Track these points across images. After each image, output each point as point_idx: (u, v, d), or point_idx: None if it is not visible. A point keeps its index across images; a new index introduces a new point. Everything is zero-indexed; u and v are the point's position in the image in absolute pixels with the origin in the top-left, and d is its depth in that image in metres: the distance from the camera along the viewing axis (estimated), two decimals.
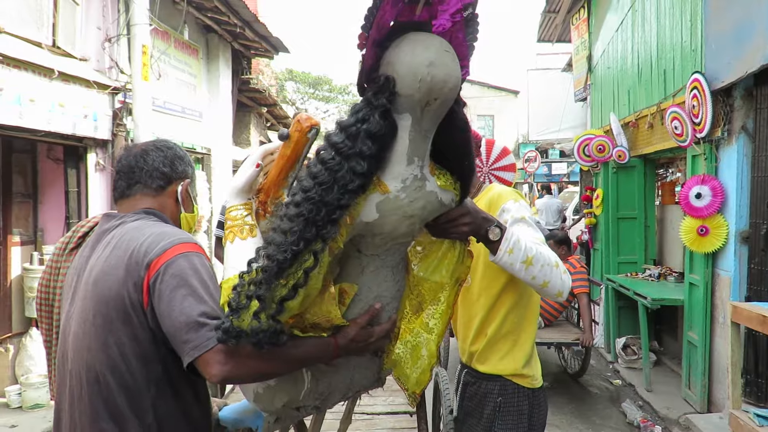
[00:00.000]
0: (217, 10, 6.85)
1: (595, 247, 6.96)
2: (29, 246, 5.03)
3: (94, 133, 4.85)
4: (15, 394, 4.60)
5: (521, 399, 1.75)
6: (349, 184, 1.05)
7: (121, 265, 1.19)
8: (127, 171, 1.38)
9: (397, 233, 1.21)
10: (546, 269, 1.43)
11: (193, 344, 1.11)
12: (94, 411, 1.19)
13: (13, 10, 4.27)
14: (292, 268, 1.04)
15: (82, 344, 1.21)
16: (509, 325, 1.74)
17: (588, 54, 7.94)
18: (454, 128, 1.20)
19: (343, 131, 1.08)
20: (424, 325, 1.50)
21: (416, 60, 1.06)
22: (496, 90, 27.83)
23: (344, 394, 1.45)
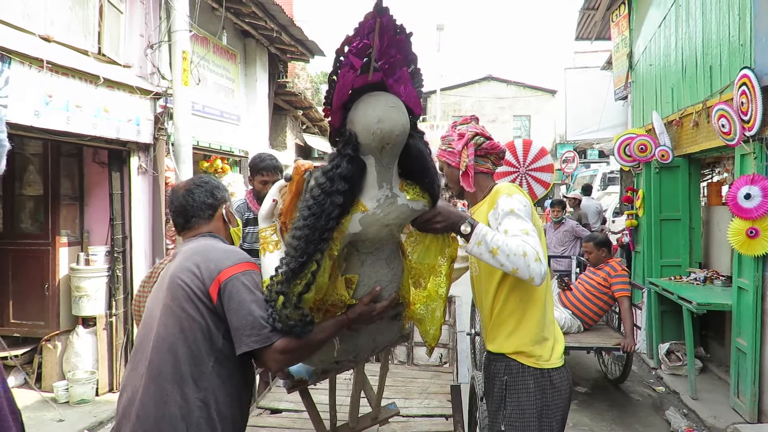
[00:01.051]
0: (254, 15, 6.97)
1: (637, 249, 6.76)
2: (76, 247, 5.21)
3: (137, 137, 4.99)
4: (62, 390, 4.77)
5: (527, 378, 1.89)
6: (332, 213, 1.45)
7: (196, 264, 1.55)
8: (181, 210, 1.76)
9: (380, 237, 1.62)
10: (512, 258, 1.66)
11: (255, 339, 1.47)
12: (162, 374, 1.48)
13: (62, 20, 4.44)
14: (302, 273, 1.46)
15: (161, 322, 1.53)
16: (511, 305, 1.93)
17: (629, 51, 7.73)
18: (409, 157, 1.59)
19: (324, 174, 1.47)
20: (436, 293, 1.88)
21: (368, 119, 1.43)
22: (532, 90, 27.43)
23: (373, 350, 1.87)
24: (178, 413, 1.46)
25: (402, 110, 1.48)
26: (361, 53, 1.39)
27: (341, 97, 1.44)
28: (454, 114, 26.90)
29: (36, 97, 3.88)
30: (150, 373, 1.50)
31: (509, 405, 1.90)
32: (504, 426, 1.91)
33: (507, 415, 1.91)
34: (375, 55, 1.41)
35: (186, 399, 1.48)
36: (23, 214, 5.24)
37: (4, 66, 3.63)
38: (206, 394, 1.50)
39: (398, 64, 1.46)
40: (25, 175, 5.20)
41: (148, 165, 5.28)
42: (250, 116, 8.05)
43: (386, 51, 1.42)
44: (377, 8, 1.34)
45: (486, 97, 27.36)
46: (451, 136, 2.09)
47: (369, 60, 1.41)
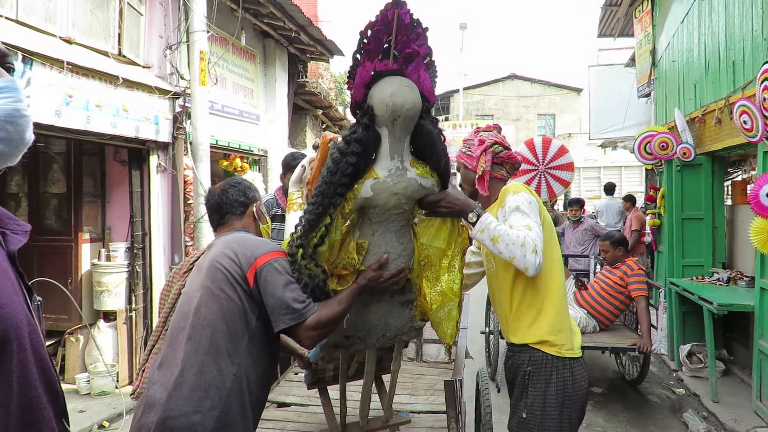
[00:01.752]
0: (272, 15, 7.05)
1: (659, 249, 6.62)
2: (98, 243, 5.35)
3: (156, 136, 5.09)
4: (84, 382, 4.90)
5: (549, 368, 1.98)
6: (346, 170, 1.65)
7: (234, 252, 1.71)
8: (216, 207, 1.95)
9: (389, 205, 1.76)
10: (511, 247, 1.80)
11: (290, 317, 1.64)
12: (201, 347, 1.61)
13: (83, 23, 4.56)
14: (317, 225, 1.66)
15: (201, 302, 1.67)
16: (529, 297, 2.02)
17: (652, 48, 7.58)
18: (420, 136, 1.76)
19: (344, 140, 1.69)
20: (451, 290, 1.97)
21: (383, 93, 1.64)
22: (556, 88, 27.07)
23: (383, 333, 1.92)
24: (212, 383, 1.59)
25: (414, 90, 1.67)
26: (382, 40, 1.62)
27: (364, 78, 1.68)
28: (477, 113, 26.74)
29: (57, 97, 3.99)
30: (190, 347, 1.62)
31: (531, 394, 2.00)
32: (525, 414, 2.00)
33: (529, 403, 2.00)
34: (393, 44, 1.63)
35: (221, 371, 1.60)
36: (48, 211, 5.40)
37: (26, 67, 3.76)
38: (239, 369, 1.63)
39: (414, 54, 1.67)
40: (50, 174, 5.36)
41: (166, 163, 5.39)
42: (269, 116, 8.13)
43: (404, 41, 1.64)
44: (396, 1, 1.56)
45: (510, 95, 27.12)
46: (472, 141, 2.23)
47: (389, 47, 1.63)
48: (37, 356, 1.15)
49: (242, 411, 1.64)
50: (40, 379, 1.15)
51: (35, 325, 1.16)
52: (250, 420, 1.67)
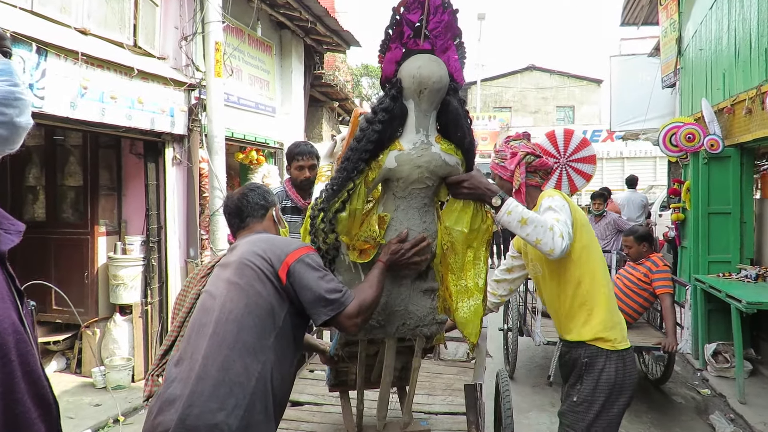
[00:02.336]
0: (288, 6, 6.97)
1: (683, 244, 6.43)
2: (114, 236, 5.34)
3: (171, 128, 5.05)
4: (100, 375, 4.91)
5: (604, 359, 2.13)
6: (371, 137, 1.70)
7: (263, 249, 1.70)
8: (237, 211, 1.96)
9: (412, 178, 1.79)
10: (539, 229, 1.90)
11: (330, 308, 1.65)
12: (226, 342, 1.58)
13: (99, 14, 4.52)
14: (342, 191, 1.73)
15: (227, 297, 1.64)
16: (580, 298, 2.16)
17: (677, 36, 7.34)
18: (446, 112, 1.79)
19: (372, 110, 1.75)
20: (477, 286, 1.97)
21: (411, 66, 1.70)
22: (576, 79, 26.62)
23: (403, 321, 1.90)
24: (237, 380, 1.55)
25: (441, 65, 1.70)
26: (414, 19, 1.67)
27: (395, 55, 1.72)
28: (495, 105, 26.43)
29: (72, 88, 3.96)
30: (214, 341, 1.59)
31: (585, 381, 2.16)
32: (576, 398, 2.19)
33: (581, 389, 2.17)
34: (425, 24, 1.67)
35: (246, 368, 1.57)
36: (64, 204, 5.40)
37: (41, 59, 3.72)
38: (264, 367, 1.60)
39: (444, 34, 1.71)
40: (66, 166, 5.35)
41: (182, 156, 5.35)
42: (285, 108, 8.07)
43: (435, 21, 1.68)
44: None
45: (528, 87, 26.74)
46: (504, 152, 2.35)
47: (420, 26, 1.68)
48: (25, 367, 1.07)
49: (265, 411, 1.60)
50: (29, 392, 1.08)
51: (24, 332, 1.09)
52: (272, 421, 1.63)
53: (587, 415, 2.15)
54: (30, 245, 5.41)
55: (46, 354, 5.38)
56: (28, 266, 5.42)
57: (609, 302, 2.17)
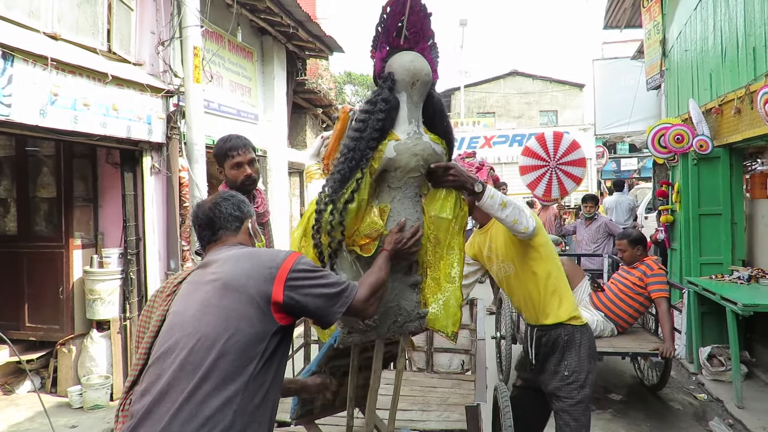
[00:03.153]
0: (269, 11, 6.82)
1: (673, 246, 6.38)
2: (90, 249, 5.12)
3: (149, 136, 4.86)
4: (76, 395, 4.68)
5: (578, 334, 2.50)
6: (376, 126, 1.76)
7: (249, 268, 1.55)
8: (208, 222, 1.75)
9: (410, 167, 1.87)
10: (515, 211, 2.21)
11: (340, 304, 1.60)
12: (199, 372, 1.41)
13: (70, 18, 4.33)
14: (349, 180, 1.74)
15: (203, 321, 1.48)
16: (551, 286, 2.49)
17: (662, 38, 7.34)
18: (431, 104, 1.94)
19: (369, 102, 1.82)
20: (448, 276, 2.02)
21: (403, 60, 1.84)
22: (559, 84, 26.79)
23: (395, 318, 1.91)
24: (214, 416, 1.39)
25: (426, 61, 1.88)
26: (396, 20, 1.84)
27: (381, 53, 1.88)
28: (478, 111, 26.50)
29: (41, 95, 3.77)
30: (186, 371, 1.43)
31: (569, 356, 2.47)
32: (566, 372, 2.47)
33: (568, 364, 2.47)
34: (405, 25, 1.84)
35: (225, 402, 1.41)
36: (37, 216, 5.18)
37: (7, 64, 3.53)
38: (244, 398, 1.44)
39: (421, 36, 1.88)
40: (39, 177, 5.14)
41: (161, 165, 5.16)
42: (268, 115, 7.91)
43: (413, 23, 1.86)
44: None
45: (511, 92, 26.85)
46: (469, 168, 2.60)
47: (402, 26, 1.85)
48: None
49: None
50: None
51: None
52: None
53: (581, 383, 2.47)
54: (1, 260, 5.18)
55: (20, 373, 5.14)
56: (0, 281, 5.20)
57: (569, 287, 2.58)
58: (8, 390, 4.97)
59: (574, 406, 2.47)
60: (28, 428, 4.30)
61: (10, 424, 4.36)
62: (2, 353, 5.02)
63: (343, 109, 2.02)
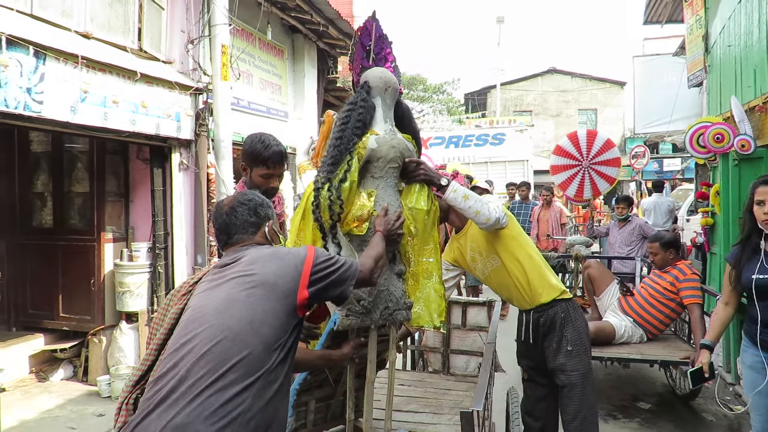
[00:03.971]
0: (299, 9, 6.85)
1: (712, 250, 6.10)
2: (121, 243, 5.26)
3: (177, 133, 4.96)
4: (105, 384, 4.81)
5: (572, 309, 2.64)
6: (358, 116, 2.10)
7: (276, 268, 1.62)
8: (224, 228, 1.79)
9: (389, 157, 2.16)
10: (478, 203, 2.41)
11: (348, 281, 1.74)
12: (223, 362, 1.42)
13: (102, 18, 4.45)
14: (341, 163, 2.04)
15: (225, 315, 1.51)
16: (536, 268, 2.62)
17: (704, 32, 7.03)
18: (399, 109, 2.32)
19: (350, 102, 2.18)
20: (425, 272, 2.27)
21: (376, 71, 2.24)
22: (599, 82, 26.13)
23: (386, 304, 2.10)
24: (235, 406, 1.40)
25: (392, 74, 2.28)
26: (365, 43, 2.32)
27: (356, 69, 2.33)
28: (515, 109, 26.10)
29: (72, 93, 3.88)
30: (207, 361, 1.43)
31: (567, 331, 2.58)
32: (570, 346, 2.57)
33: (570, 338, 2.58)
34: (373, 48, 2.32)
35: (247, 392, 1.42)
36: (72, 210, 5.35)
37: (39, 62, 3.64)
38: (265, 390, 1.47)
39: (384, 60, 2.36)
40: (74, 173, 5.30)
41: (189, 161, 5.25)
42: (298, 112, 7.96)
43: (378, 48, 2.34)
44: (372, 16, 2.33)
45: (549, 90, 26.33)
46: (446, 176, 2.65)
47: (370, 49, 2.32)
48: None
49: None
50: None
51: None
52: None
53: (585, 353, 2.61)
54: (38, 252, 5.38)
55: (54, 362, 5.32)
56: (37, 273, 5.39)
57: (545, 265, 2.67)
58: (42, 377, 5.15)
59: (581, 380, 2.57)
60: (59, 415, 4.44)
61: (42, 410, 4.51)
62: (38, 341, 5.23)
63: (327, 113, 2.40)
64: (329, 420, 2.43)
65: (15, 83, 3.47)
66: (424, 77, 27.34)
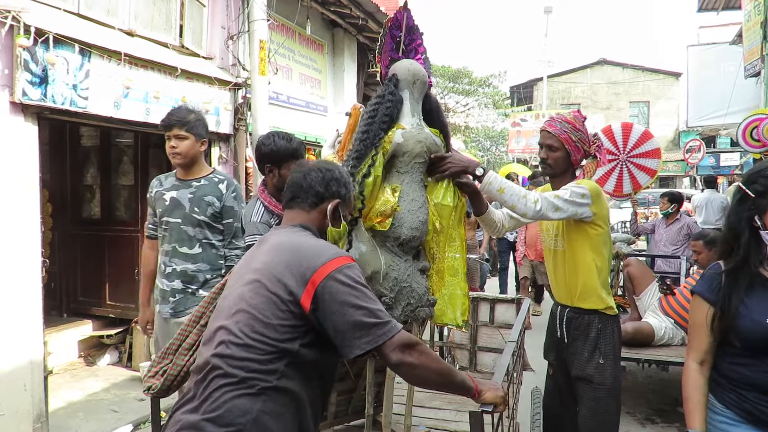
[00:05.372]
0: (339, 3, 6.88)
1: None
2: None
3: (217, 127, 5.07)
4: (146, 370, 4.99)
5: (611, 323, 2.50)
6: (386, 110, 2.08)
7: (285, 261, 1.44)
8: (291, 186, 1.68)
9: (415, 152, 2.14)
10: (514, 197, 2.27)
11: (366, 339, 1.37)
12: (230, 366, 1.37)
13: (145, 15, 4.59)
14: (365, 158, 2.02)
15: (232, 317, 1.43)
16: (595, 275, 2.44)
17: (763, 19, 6.65)
18: (429, 102, 2.28)
19: (378, 96, 2.15)
20: (451, 268, 2.24)
21: (404, 64, 2.21)
22: (652, 73, 25.14)
23: (408, 300, 2.07)
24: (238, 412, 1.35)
25: (422, 66, 2.24)
26: (395, 34, 2.29)
27: (384, 61, 2.30)
28: (562, 102, 25.45)
29: (116, 89, 4.02)
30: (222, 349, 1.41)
31: (602, 344, 2.46)
32: (602, 359, 2.45)
33: (603, 351, 2.46)
34: (403, 40, 2.28)
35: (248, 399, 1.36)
36: (117, 202, 5.57)
37: (85, 60, 3.80)
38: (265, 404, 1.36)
39: (414, 52, 2.33)
40: (120, 166, 5.52)
41: (228, 155, 5.37)
42: (338, 107, 8.01)
43: (408, 39, 2.30)
44: (404, 6, 2.28)
45: (599, 82, 25.54)
46: (583, 134, 2.49)
47: (400, 41, 2.29)
48: None
49: None
50: None
51: None
52: None
53: (615, 370, 2.48)
54: (87, 242, 5.63)
55: (101, 347, 5.57)
56: (86, 262, 5.65)
57: (607, 279, 2.57)
58: (90, 362, 5.41)
59: (607, 395, 2.45)
60: (103, 398, 4.66)
61: (88, 393, 4.73)
62: (87, 327, 5.49)
63: (354, 106, 2.36)
64: (351, 414, 2.45)
65: (62, 80, 3.63)
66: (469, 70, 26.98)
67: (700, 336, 1.75)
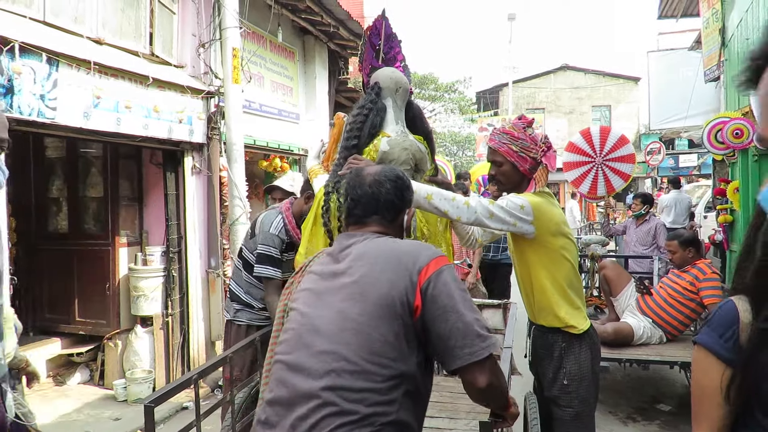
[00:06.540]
0: (310, 10, 6.84)
1: (732, 248, 5.99)
2: (135, 247, 5.28)
3: (190, 137, 4.97)
4: (121, 388, 4.83)
5: (576, 342, 2.31)
6: (369, 114, 2.15)
7: (391, 271, 1.30)
8: (366, 202, 1.48)
9: (402, 159, 2.15)
10: (443, 202, 2.04)
11: (470, 350, 1.23)
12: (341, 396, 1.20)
13: (113, 23, 4.47)
14: None
15: (337, 339, 1.26)
16: (550, 290, 2.27)
17: (721, 26, 6.90)
18: (411, 109, 2.34)
19: (360, 106, 2.19)
20: None
21: (386, 72, 2.27)
22: (613, 78, 25.85)
23: None
24: None
25: (403, 74, 2.30)
26: (375, 42, 2.33)
27: (366, 69, 2.33)
28: (527, 107, 25.91)
29: (85, 98, 3.89)
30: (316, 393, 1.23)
31: (567, 363, 2.30)
32: (566, 380, 2.31)
33: (567, 371, 2.31)
34: (382, 48, 2.33)
35: None
36: (86, 215, 5.39)
37: (52, 69, 3.66)
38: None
39: (393, 60, 2.38)
40: (88, 178, 5.34)
41: (201, 165, 5.26)
42: (309, 114, 7.95)
43: (387, 47, 2.35)
44: (382, 14, 2.35)
45: (562, 87, 26.11)
46: (525, 141, 2.24)
47: (379, 49, 2.34)
48: None
49: None
50: None
51: None
52: None
53: (582, 394, 2.31)
54: (54, 256, 5.42)
55: (71, 365, 5.36)
56: (53, 278, 5.44)
57: (573, 297, 2.31)
58: (60, 381, 5.19)
59: (574, 419, 2.31)
60: (76, 419, 4.47)
61: (59, 414, 4.54)
62: (55, 346, 5.27)
63: (337, 116, 2.38)
64: None
65: (28, 90, 3.48)
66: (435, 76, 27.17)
67: (709, 405, 1.16)
